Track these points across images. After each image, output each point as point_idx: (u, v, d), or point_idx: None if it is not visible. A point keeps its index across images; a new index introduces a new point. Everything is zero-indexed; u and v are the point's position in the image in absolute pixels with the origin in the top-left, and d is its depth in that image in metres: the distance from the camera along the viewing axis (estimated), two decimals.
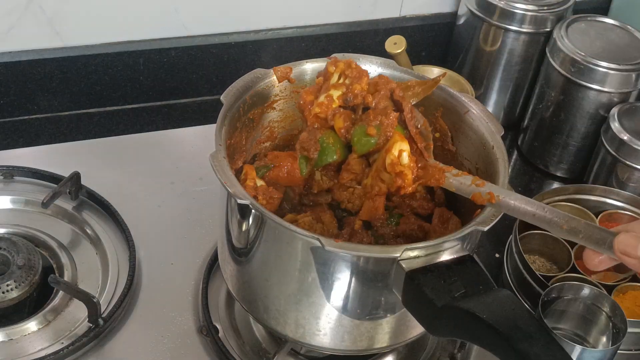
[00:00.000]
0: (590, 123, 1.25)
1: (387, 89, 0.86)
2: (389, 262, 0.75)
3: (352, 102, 0.86)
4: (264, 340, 0.99)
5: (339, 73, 0.87)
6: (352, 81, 0.86)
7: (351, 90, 0.86)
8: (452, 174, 0.83)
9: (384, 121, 0.83)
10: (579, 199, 1.17)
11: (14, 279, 0.98)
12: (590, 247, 0.72)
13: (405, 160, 0.81)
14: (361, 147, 0.84)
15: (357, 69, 0.87)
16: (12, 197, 1.11)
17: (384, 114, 0.83)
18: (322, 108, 0.86)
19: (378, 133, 0.83)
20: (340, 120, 0.85)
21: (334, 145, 0.86)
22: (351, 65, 0.87)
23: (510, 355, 0.67)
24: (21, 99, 1.28)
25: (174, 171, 1.19)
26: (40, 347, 0.94)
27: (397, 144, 0.82)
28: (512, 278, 1.10)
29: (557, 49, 1.25)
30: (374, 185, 0.84)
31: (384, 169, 0.82)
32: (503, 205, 0.77)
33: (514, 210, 0.77)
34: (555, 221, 0.74)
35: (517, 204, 0.77)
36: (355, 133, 0.85)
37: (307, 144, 0.86)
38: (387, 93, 0.86)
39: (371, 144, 0.83)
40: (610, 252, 0.69)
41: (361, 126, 0.84)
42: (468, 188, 0.80)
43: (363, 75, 0.86)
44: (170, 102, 1.38)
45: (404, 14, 1.45)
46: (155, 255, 1.07)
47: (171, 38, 1.31)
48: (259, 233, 0.79)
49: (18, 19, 1.21)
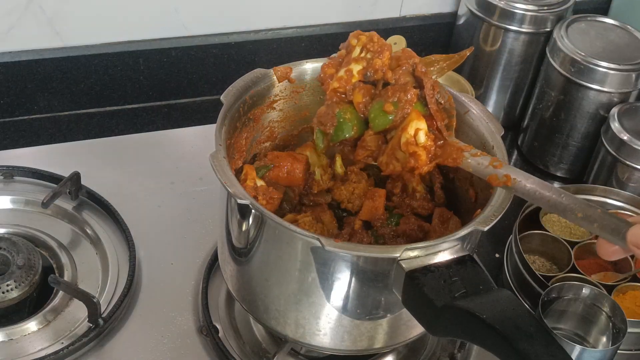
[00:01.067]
0: (590, 123, 1.25)
1: (409, 64, 0.84)
2: (389, 262, 0.75)
3: (372, 77, 0.84)
4: (264, 340, 0.99)
5: (361, 46, 0.85)
6: (374, 55, 0.84)
7: (372, 65, 0.84)
8: (470, 153, 0.80)
9: (402, 98, 0.81)
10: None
11: (14, 279, 0.98)
12: (604, 237, 0.70)
13: (421, 138, 0.80)
14: (377, 124, 0.82)
15: (379, 42, 0.84)
16: (12, 197, 1.11)
17: (402, 90, 0.81)
18: (341, 83, 0.84)
19: (395, 110, 0.81)
20: (360, 95, 0.83)
21: (351, 121, 0.84)
22: (373, 39, 0.84)
23: (510, 355, 0.67)
24: (21, 99, 1.28)
25: (174, 171, 1.19)
26: (40, 347, 0.94)
27: (414, 122, 0.80)
28: (512, 278, 1.10)
29: (557, 49, 1.25)
30: (389, 163, 0.82)
31: (399, 148, 0.81)
32: (518, 188, 0.75)
33: (529, 195, 0.75)
34: (571, 207, 0.72)
35: (533, 187, 0.75)
36: (372, 109, 0.83)
37: (324, 118, 0.85)
38: (409, 68, 0.84)
39: (388, 121, 0.82)
40: (624, 243, 0.67)
41: (379, 102, 0.82)
42: (485, 169, 0.78)
43: (385, 50, 0.84)
44: (170, 102, 1.38)
45: (404, 14, 1.45)
46: (155, 255, 1.07)
47: (171, 38, 1.31)
48: (259, 233, 0.79)
49: (18, 19, 1.21)
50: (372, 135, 0.84)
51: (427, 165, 0.81)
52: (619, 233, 0.68)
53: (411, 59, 0.84)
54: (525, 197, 0.76)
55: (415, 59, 0.84)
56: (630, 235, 0.67)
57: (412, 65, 0.84)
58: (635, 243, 0.66)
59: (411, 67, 0.84)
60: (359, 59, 0.84)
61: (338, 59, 0.87)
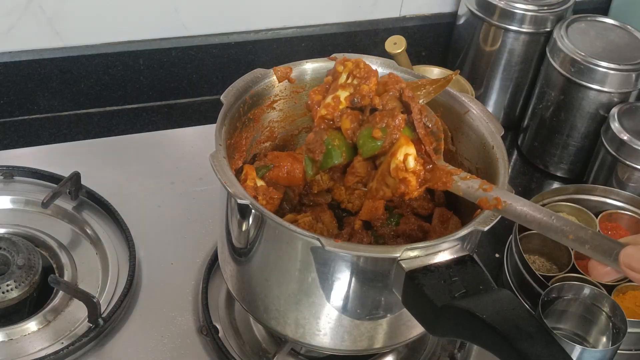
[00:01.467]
0: (590, 123, 1.25)
1: (396, 89, 0.84)
2: (389, 262, 0.75)
3: (360, 104, 0.84)
4: (264, 340, 0.99)
5: (347, 73, 0.85)
6: (360, 81, 0.84)
7: (359, 91, 0.83)
8: (460, 177, 0.80)
9: (390, 123, 0.81)
10: (579, 199, 1.17)
11: (14, 279, 0.98)
12: (596, 258, 0.69)
13: (411, 164, 0.79)
14: (367, 150, 0.82)
15: (365, 68, 0.84)
16: (12, 197, 1.11)
17: (390, 115, 0.81)
18: (329, 110, 0.84)
19: (384, 136, 0.81)
20: (347, 122, 0.83)
21: (339, 148, 0.84)
22: (359, 65, 0.84)
23: (510, 355, 0.67)
24: (21, 99, 1.28)
25: (174, 171, 1.19)
26: (40, 347, 0.94)
27: (403, 148, 0.79)
28: (512, 278, 1.10)
29: (557, 49, 1.25)
30: (379, 189, 0.82)
31: (389, 174, 0.81)
32: (509, 211, 0.75)
33: (519, 217, 0.75)
34: (562, 229, 0.71)
35: (523, 210, 0.74)
36: (361, 135, 0.83)
37: (313, 146, 0.84)
38: (396, 93, 0.84)
39: (377, 147, 0.81)
40: (616, 264, 0.67)
41: (367, 129, 0.82)
42: (475, 192, 0.78)
43: (371, 76, 0.84)
44: (170, 102, 1.38)
45: (404, 14, 1.45)
46: (155, 255, 1.07)
47: (171, 38, 1.31)
48: (259, 233, 0.79)
49: (18, 19, 1.21)
50: (361, 161, 0.84)
51: (417, 190, 0.81)
52: (611, 254, 0.67)
53: (398, 84, 0.84)
54: (516, 219, 0.75)
55: (402, 84, 0.84)
56: (623, 256, 0.66)
57: (399, 90, 0.84)
58: (628, 264, 0.66)
59: (398, 92, 0.84)
60: (346, 85, 0.84)
61: (325, 85, 0.87)
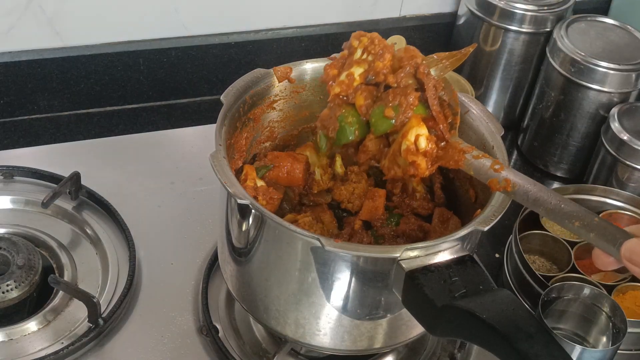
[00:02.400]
0: (590, 123, 1.25)
1: (411, 65, 0.82)
2: (389, 262, 0.75)
3: (374, 81, 0.83)
4: (264, 340, 0.99)
5: (362, 48, 0.83)
6: (375, 58, 0.82)
7: (373, 68, 0.82)
8: (472, 155, 0.79)
9: (403, 102, 0.80)
10: (579, 199, 1.17)
11: (14, 279, 0.98)
12: (600, 247, 0.68)
13: (422, 144, 0.79)
14: (379, 129, 0.81)
15: (380, 44, 0.83)
16: (12, 197, 1.11)
17: (403, 94, 0.80)
18: (343, 87, 0.83)
19: (396, 114, 0.80)
20: (362, 98, 0.82)
21: (352, 125, 0.83)
22: (374, 41, 0.83)
23: (510, 355, 0.67)
24: (21, 99, 1.28)
25: (174, 171, 1.19)
26: (40, 347, 0.94)
27: (414, 129, 0.79)
28: (512, 278, 1.10)
29: (557, 49, 1.25)
30: (390, 168, 0.81)
31: (400, 154, 0.80)
32: (518, 194, 0.74)
33: (528, 200, 0.73)
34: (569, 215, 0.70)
35: (534, 193, 0.73)
36: (373, 113, 0.82)
37: (327, 122, 0.84)
38: (412, 70, 0.82)
39: (389, 126, 0.81)
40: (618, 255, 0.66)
41: (379, 107, 0.81)
42: (486, 172, 0.77)
43: (386, 52, 0.82)
44: (170, 102, 1.38)
45: (404, 14, 1.45)
46: (155, 255, 1.07)
47: (171, 38, 1.31)
48: (259, 233, 0.79)
49: (18, 19, 1.21)
50: (373, 139, 0.83)
51: (428, 170, 0.80)
52: (615, 244, 0.67)
53: (413, 60, 0.83)
54: (524, 203, 0.74)
55: (417, 59, 0.83)
56: (624, 249, 0.66)
57: (414, 67, 0.83)
58: (629, 257, 0.65)
59: (413, 68, 0.83)
60: (361, 62, 0.83)
61: (340, 60, 0.86)
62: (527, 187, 0.74)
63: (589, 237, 0.69)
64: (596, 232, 0.69)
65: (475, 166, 0.78)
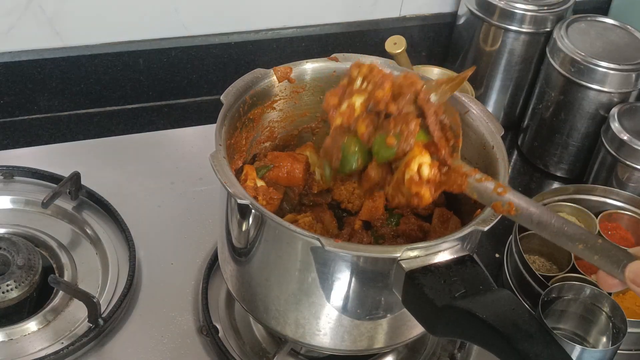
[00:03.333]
0: (590, 123, 1.25)
1: (412, 92, 0.82)
2: (389, 262, 0.75)
3: (375, 109, 0.82)
4: (264, 340, 0.99)
5: (361, 77, 0.83)
6: (375, 87, 0.82)
7: (373, 97, 0.82)
8: (475, 178, 0.78)
9: (404, 130, 0.79)
10: (579, 199, 1.17)
11: (14, 279, 0.98)
12: (604, 270, 0.69)
13: (425, 172, 0.78)
14: (381, 156, 0.81)
15: (379, 73, 0.82)
16: (12, 197, 1.11)
17: (405, 121, 0.80)
18: (344, 117, 0.82)
19: (398, 142, 0.79)
20: (363, 126, 0.81)
21: (355, 154, 0.82)
22: (373, 70, 0.83)
23: (510, 356, 0.67)
24: (21, 99, 1.28)
25: (174, 171, 1.19)
26: (40, 347, 0.94)
27: (417, 158, 0.78)
28: (512, 278, 1.10)
29: (557, 49, 1.25)
30: (394, 196, 0.80)
31: (404, 183, 0.79)
32: (522, 217, 0.74)
33: (532, 223, 0.74)
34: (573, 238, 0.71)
35: (537, 216, 0.73)
36: (375, 142, 0.81)
37: (330, 152, 0.83)
38: (412, 97, 0.82)
39: (391, 153, 0.80)
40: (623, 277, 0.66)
41: (381, 135, 0.80)
42: (490, 196, 0.76)
43: (386, 81, 0.82)
44: (170, 102, 1.38)
45: (404, 14, 1.45)
46: (155, 255, 1.07)
47: (171, 38, 1.31)
48: (259, 233, 0.79)
49: (18, 19, 1.21)
50: (376, 167, 0.83)
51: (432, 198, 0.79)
52: (618, 266, 0.67)
53: (413, 87, 0.82)
54: (528, 225, 0.74)
55: (417, 86, 0.82)
56: (629, 271, 0.66)
57: (414, 94, 0.82)
58: (633, 279, 0.66)
59: (414, 95, 0.82)
60: (361, 91, 0.82)
61: (340, 88, 0.85)
62: (530, 211, 0.74)
63: (592, 259, 0.69)
64: (600, 255, 0.69)
65: (479, 190, 0.78)
